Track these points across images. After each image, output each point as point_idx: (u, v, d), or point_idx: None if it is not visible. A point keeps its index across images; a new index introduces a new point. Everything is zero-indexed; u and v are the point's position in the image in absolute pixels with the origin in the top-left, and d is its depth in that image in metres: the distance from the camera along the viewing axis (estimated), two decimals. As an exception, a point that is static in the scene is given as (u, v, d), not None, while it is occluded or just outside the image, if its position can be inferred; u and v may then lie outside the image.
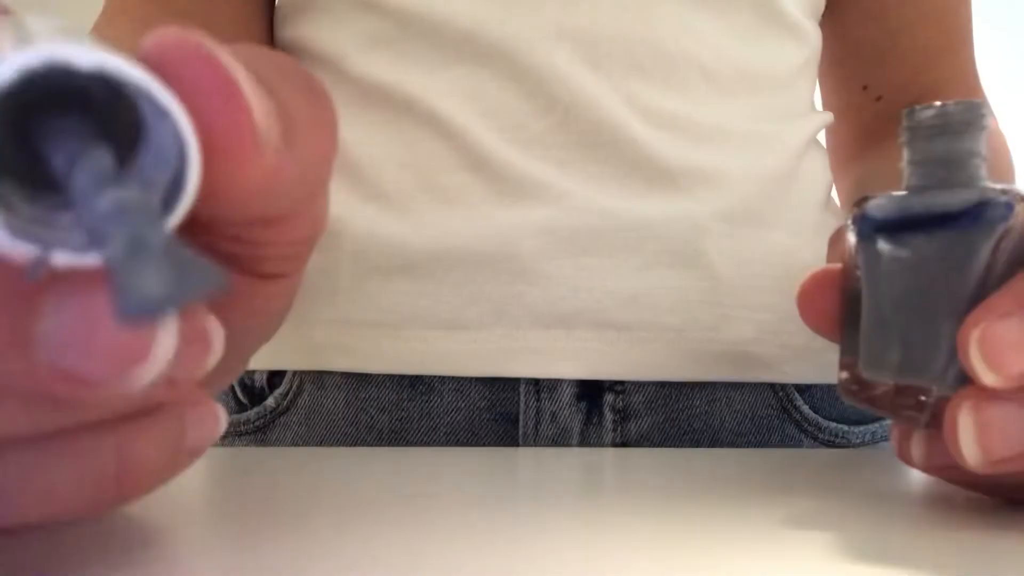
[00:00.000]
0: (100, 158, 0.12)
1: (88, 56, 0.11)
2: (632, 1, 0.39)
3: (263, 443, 0.42)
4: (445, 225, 0.39)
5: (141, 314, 0.10)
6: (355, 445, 0.40)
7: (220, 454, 0.34)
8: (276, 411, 0.42)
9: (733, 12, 0.41)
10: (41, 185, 0.12)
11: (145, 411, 0.14)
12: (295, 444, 0.41)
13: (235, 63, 0.12)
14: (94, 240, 0.11)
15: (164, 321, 0.11)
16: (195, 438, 0.15)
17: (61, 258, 0.11)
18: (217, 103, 0.12)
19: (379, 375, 0.40)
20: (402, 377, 0.40)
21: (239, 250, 0.16)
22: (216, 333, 0.13)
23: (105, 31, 0.44)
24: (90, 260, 0.12)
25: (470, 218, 0.39)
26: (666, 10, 0.40)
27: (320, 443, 0.41)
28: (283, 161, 0.13)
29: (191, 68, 0.12)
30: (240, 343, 0.17)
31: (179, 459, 0.15)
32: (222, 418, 0.16)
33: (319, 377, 0.41)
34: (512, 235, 0.38)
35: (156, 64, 0.12)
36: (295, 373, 0.42)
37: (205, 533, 0.21)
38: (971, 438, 0.20)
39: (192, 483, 0.26)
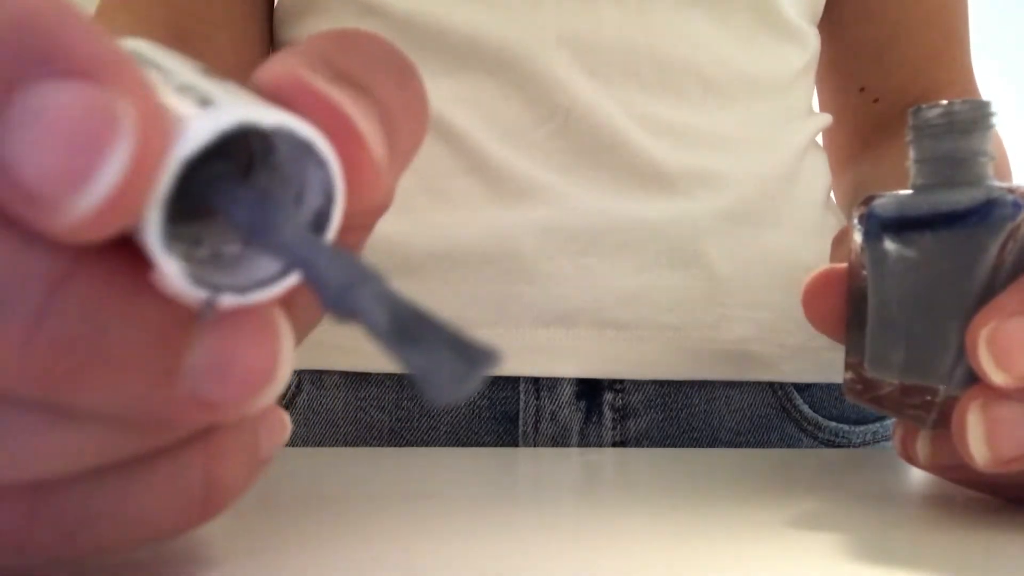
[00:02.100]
0: (290, 213, 0.13)
1: (272, 117, 0.12)
2: (631, 9, 0.40)
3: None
4: (445, 225, 0.39)
5: (449, 397, 0.11)
6: (355, 445, 0.40)
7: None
8: (275, 410, 0.42)
9: (732, 17, 0.41)
10: (184, 224, 0.13)
11: (224, 425, 0.15)
12: (294, 444, 0.41)
13: (340, 92, 0.13)
14: (337, 306, 0.11)
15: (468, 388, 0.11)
16: (268, 447, 0.16)
17: (229, 300, 0.12)
18: (340, 145, 0.13)
19: (379, 374, 0.40)
20: (402, 376, 0.40)
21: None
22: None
23: (104, 23, 0.44)
24: (254, 299, 0.13)
25: (470, 218, 0.39)
26: (665, 17, 0.40)
27: (320, 443, 0.41)
28: (391, 172, 0.14)
29: (311, 111, 0.13)
30: (301, 326, 0.17)
31: (256, 470, 0.16)
32: (288, 424, 0.16)
33: (318, 376, 0.41)
34: (512, 235, 0.38)
35: (273, 101, 0.13)
36: (294, 372, 0.42)
37: (204, 533, 0.21)
38: (980, 438, 0.20)
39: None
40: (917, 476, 0.30)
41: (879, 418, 0.44)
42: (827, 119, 0.48)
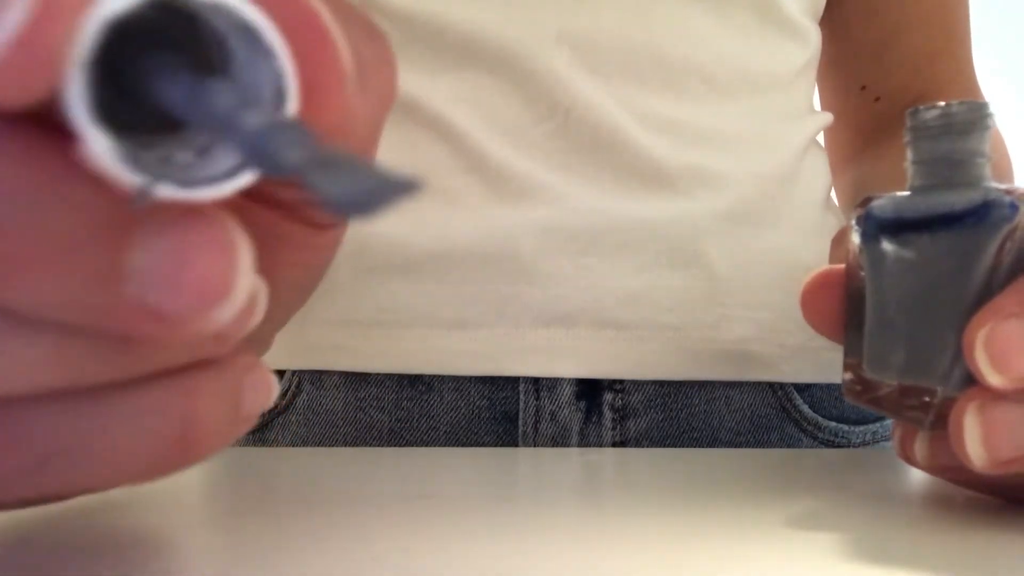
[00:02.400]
0: (226, 88, 0.12)
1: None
2: (631, 5, 0.40)
3: (262, 443, 0.42)
4: (445, 224, 0.39)
5: (350, 211, 0.10)
6: (354, 445, 0.40)
7: (218, 454, 0.34)
8: (275, 411, 0.42)
9: (733, 14, 0.41)
10: (135, 133, 0.12)
11: (204, 366, 0.14)
12: (294, 444, 0.41)
13: (316, 2, 0.12)
14: (252, 158, 0.11)
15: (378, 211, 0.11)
16: (251, 403, 0.15)
17: (167, 191, 0.11)
18: (307, 41, 0.12)
19: (378, 374, 0.40)
20: (401, 376, 0.40)
21: (297, 195, 0.15)
22: (261, 291, 0.13)
23: None
24: (197, 194, 0.12)
25: (470, 218, 0.39)
26: (665, 14, 0.40)
27: (319, 443, 0.41)
28: (358, 100, 0.13)
29: (280, 6, 0.12)
30: (282, 301, 0.17)
31: (237, 423, 0.15)
32: (275, 385, 0.16)
33: (318, 376, 0.41)
34: (512, 234, 0.38)
35: None
36: (294, 372, 0.42)
37: (204, 533, 0.21)
38: (977, 439, 0.20)
39: (191, 483, 0.26)
40: (916, 476, 0.30)
41: (879, 418, 0.44)
42: (828, 118, 0.48)
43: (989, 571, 0.18)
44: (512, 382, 0.39)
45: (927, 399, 0.23)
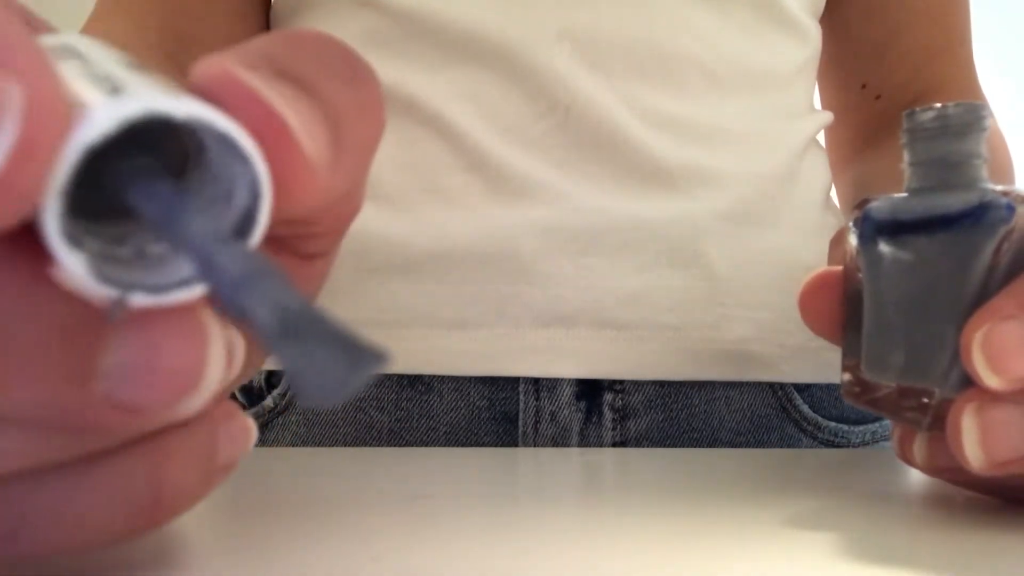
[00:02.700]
0: (202, 206, 0.12)
1: (183, 107, 0.12)
2: (632, 1, 0.39)
3: (262, 443, 0.42)
4: (445, 224, 0.39)
5: (324, 398, 0.10)
6: (354, 445, 0.40)
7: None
8: (275, 411, 0.42)
9: (733, 10, 0.41)
10: (106, 223, 0.12)
11: (175, 428, 0.14)
12: (294, 444, 0.41)
13: (272, 88, 0.13)
14: (225, 304, 0.11)
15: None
16: (227, 454, 0.15)
17: (140, 299, 0.12)
18: (270, 143, 0.12)
19: (378, 375, 0.40)
20: (401, 376, 0.40)
21: (284, 232, 0.15)
22: (237, 346, 0.13)
23: (99, 26, 0.44)
24: (169, 299, 0.12)
25: (470, 218, 0.39)
26: (666, 9, 0.40)
27: (319, 443, 0.41)
28: (334, 174, 0.14)
29: (239, 107, 0.12)
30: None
31: (212, 477, 0.15)
32: (253, 431, 0.16)
33: (318, 377, 0.41)
34: (512, 235, 0.38)
35: (205, 98, 0.12)
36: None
37: (204, 533, 0.21)
38: (974, 441, 0.20)
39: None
40: (916, 476, 0.30)
41: (878, 418, 0.44)
42: (828, 117, 0.48)
43: (989, 571, 0.18)
44: (512, 382, 0.39)
45: (925, 400, 0.23)
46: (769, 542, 0.20)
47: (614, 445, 0.40)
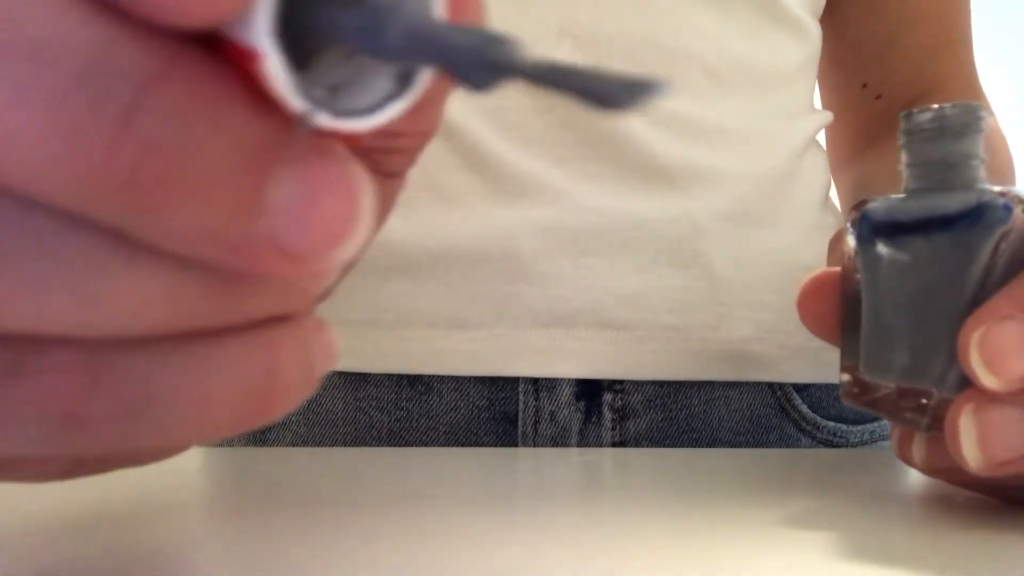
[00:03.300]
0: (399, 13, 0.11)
1: None
2: None
3: (262, 443, 0.42)
4: (445, 224, 0.39)
5: (612, 104, 0.11)
6: (354, 445, 0.40)
7: (219, 454, 0.34)
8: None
9: (734, 8, 0.41)
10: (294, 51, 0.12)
11: (282, 322, 0.14)
12: (294, 444, 0.41)
13: None
14: (478, 78, 0.11)
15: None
16: (320, 364, 0.15)
17: (325, 120, 0.11)
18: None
19: (378, 375, 0.40)
20: (401, 376, 0.40)
21: (375, 144, 0.15)
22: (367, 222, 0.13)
23: None
24: (348, 125, 0.12)
25: (470, 217, 0.39)
26: (667, 7, 0.40)
27: (319, 443, 0.41)
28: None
29: None
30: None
31: (309, 383, 0.14)
32: (337, 349, 0.15)
33: (319, 377, 0.41)
34: (512, 234, 0.38)
35: None
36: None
37: (204, 533, 0.21)
38: (972, 441, 0.20)
39: (192, 483, 0.26)
40: (915, 476, 0.30)
41: (877, 418, 0.44)
42: (828, 116, 0.48)
43: (989, 571, 0.18)
44: (512, 382, 0.39)
45: (924, 401, 0.23)
46: (768, 542, 0.20)
47: (613, 445, 0.40)
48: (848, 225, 0.25)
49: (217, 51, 0.11)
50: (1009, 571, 0.18)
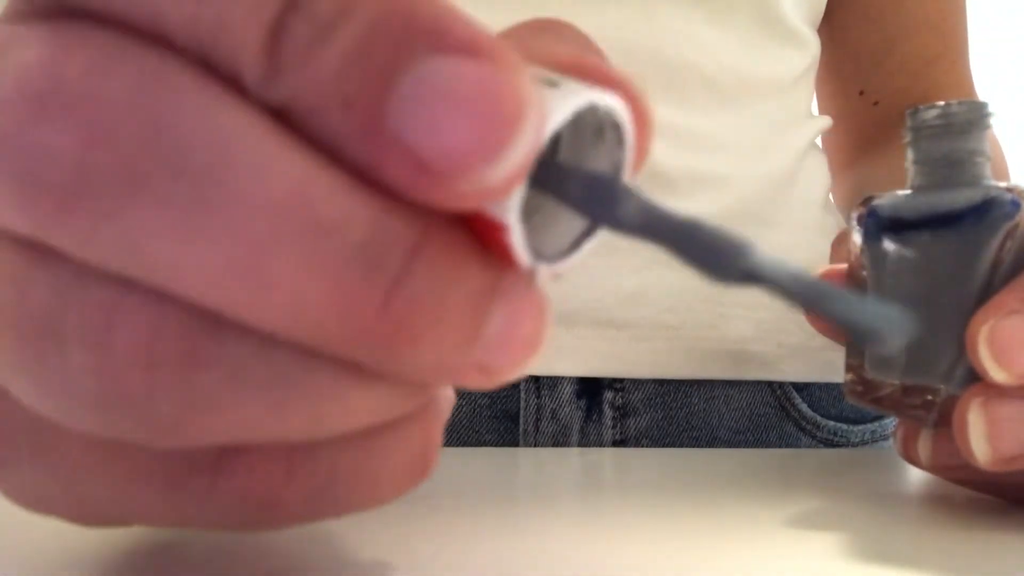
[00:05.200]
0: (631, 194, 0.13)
1: (603, 97, 0.13)
2: (635, 10, 0.40)
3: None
4: None
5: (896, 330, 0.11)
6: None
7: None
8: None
9: (734, 20, 0.41)
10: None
11: (432, 402, 0.15)
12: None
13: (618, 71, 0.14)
14: (726, 274, 0.12)
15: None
16: (446, 416, 0.16)
17: (544, 269, 0.13)
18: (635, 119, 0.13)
19: None
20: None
21: None
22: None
23: None
24: (559, 267, 0.13)
25: None
26: (668, 19, 0.40)
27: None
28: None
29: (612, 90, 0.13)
30: None
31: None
32: (452, 400, 0.17)
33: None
34: None
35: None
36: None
37: (204, 533, 0.21)
38: (981, 435, 0.20)
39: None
40: (916, 476, 0.30)
41: (877, 417, 0.45)
42: (827, 121, 0.48)
43: (989, 571, 0.18)
44: (513, 380, 0.39)
45: (930, 398, 0.23)
46: (768, 541, 0.20)
47: (614, 443, 0.40)
48: (854, 222, 0.25)
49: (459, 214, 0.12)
50: (1010, 571, 0.18)
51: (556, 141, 0.14)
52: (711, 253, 0.12)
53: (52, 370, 0.12)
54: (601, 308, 0.39)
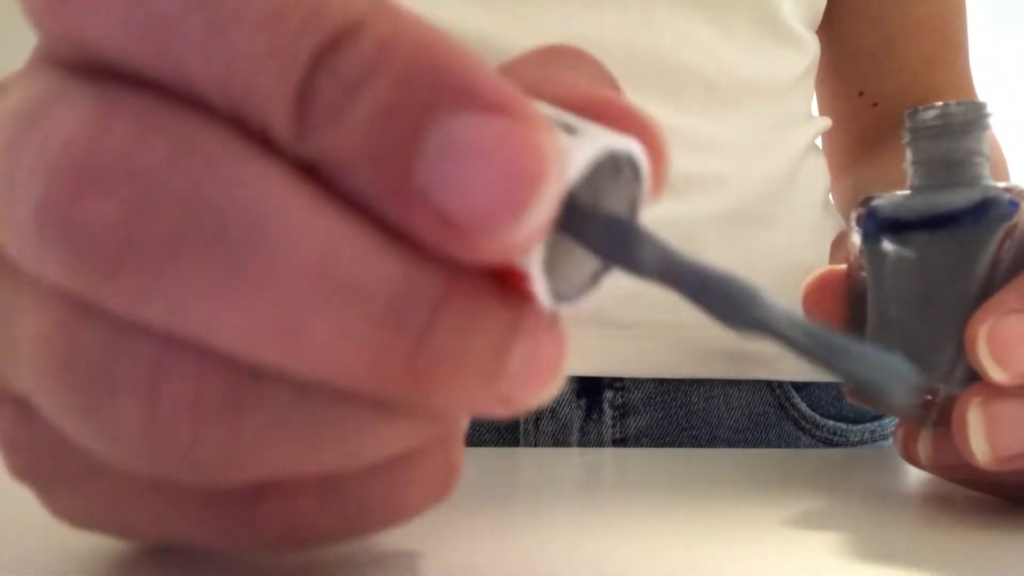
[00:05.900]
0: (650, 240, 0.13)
1: (620, 141, 0.13)
2: (634, 13, 0.40)
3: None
4: None
5: (900, 387, 0.11)
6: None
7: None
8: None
9: (734, 23, 0.41)
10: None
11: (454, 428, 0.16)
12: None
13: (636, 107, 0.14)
14: (737, 323, 0.12)
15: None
16: (464, 433, 0.17)
17: (565, 309, 0.13)
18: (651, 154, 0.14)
19: None
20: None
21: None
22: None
23: None
24: (577, 305, 0.13)
25: None
26: (668, 21, 0.40)
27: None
28: None
29: (624, 127, 0.14)
30: None
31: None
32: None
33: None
34: None
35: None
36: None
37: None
38: (981, 435, 0.20)
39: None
40: (916, 475, 0.30)
41: (876, 416, 0.45)
42: (826, 123, 0.48)
43: (989, 571, 0.18)
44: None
45: (930, 397, 0.23)
46: (768, 541, 0.20)
47: (614, 442, 0.40)
48: (853, 222, 0.25)
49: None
50: (1009, 571, 0.18)
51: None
52: (723, 302, 0.12)
53: (103, 418, 0.12)
54: (602, 308, 0.39)
